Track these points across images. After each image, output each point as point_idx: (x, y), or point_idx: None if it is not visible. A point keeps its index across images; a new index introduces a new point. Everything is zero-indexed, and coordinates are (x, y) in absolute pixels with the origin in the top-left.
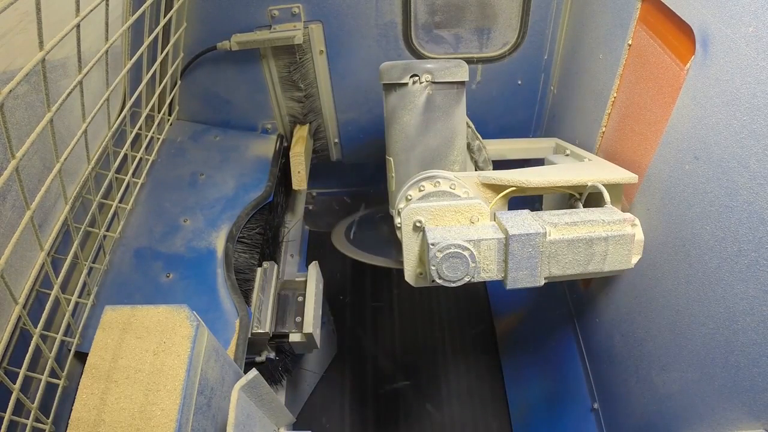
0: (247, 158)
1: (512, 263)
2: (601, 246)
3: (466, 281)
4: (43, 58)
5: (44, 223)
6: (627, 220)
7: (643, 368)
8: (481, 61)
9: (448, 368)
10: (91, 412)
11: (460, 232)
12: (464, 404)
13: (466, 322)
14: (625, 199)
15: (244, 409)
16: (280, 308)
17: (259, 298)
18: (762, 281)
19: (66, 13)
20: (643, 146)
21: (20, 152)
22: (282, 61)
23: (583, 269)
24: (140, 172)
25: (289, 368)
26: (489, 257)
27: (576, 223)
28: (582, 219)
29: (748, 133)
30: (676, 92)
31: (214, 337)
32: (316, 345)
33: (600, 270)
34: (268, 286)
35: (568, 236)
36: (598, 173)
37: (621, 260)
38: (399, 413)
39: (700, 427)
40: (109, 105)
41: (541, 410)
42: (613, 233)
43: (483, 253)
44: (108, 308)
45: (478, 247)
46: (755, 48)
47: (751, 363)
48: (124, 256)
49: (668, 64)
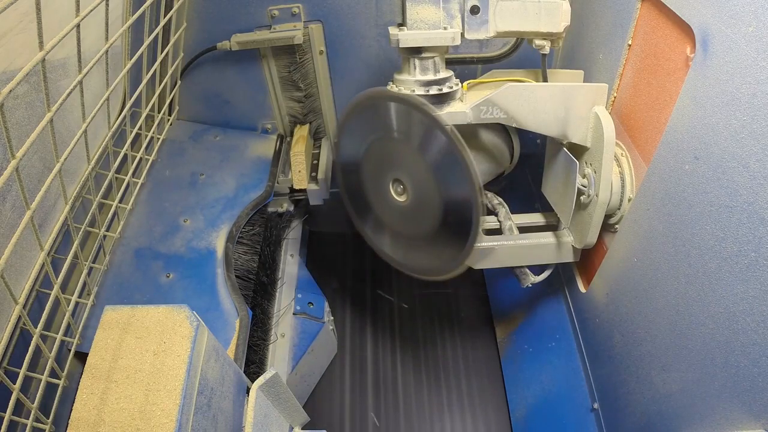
0: (247, 158)
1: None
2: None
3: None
4: (43, 58)
5: (44, 223)
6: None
7: (643, 368)
8: (481, 61)
9: (448, 368)
10: (91, 412)
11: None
12: (464, 404)
13: (465, 322)
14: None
15: (261, 408)
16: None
17: (284, 160)
18: (762, 281)
19: (66, 13)
20: (644, 146)
21: (20, 152)
22: (282, 61)
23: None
24: (140, 172)
25: (300, 215)
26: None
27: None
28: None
29: (748, 133)
30: (676, 92)
31: (214, 337)
32: (326, 194)
33: (537, 29)
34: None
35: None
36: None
37: (552, 23)
38: (399, 413)
39: (700, 427)
40: (109, 105)
41: (541, 410)
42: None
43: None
44: (108, 308)
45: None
46: (755, 48)
47: (751, 363)
48: (124, 256)
49: (668, 64)
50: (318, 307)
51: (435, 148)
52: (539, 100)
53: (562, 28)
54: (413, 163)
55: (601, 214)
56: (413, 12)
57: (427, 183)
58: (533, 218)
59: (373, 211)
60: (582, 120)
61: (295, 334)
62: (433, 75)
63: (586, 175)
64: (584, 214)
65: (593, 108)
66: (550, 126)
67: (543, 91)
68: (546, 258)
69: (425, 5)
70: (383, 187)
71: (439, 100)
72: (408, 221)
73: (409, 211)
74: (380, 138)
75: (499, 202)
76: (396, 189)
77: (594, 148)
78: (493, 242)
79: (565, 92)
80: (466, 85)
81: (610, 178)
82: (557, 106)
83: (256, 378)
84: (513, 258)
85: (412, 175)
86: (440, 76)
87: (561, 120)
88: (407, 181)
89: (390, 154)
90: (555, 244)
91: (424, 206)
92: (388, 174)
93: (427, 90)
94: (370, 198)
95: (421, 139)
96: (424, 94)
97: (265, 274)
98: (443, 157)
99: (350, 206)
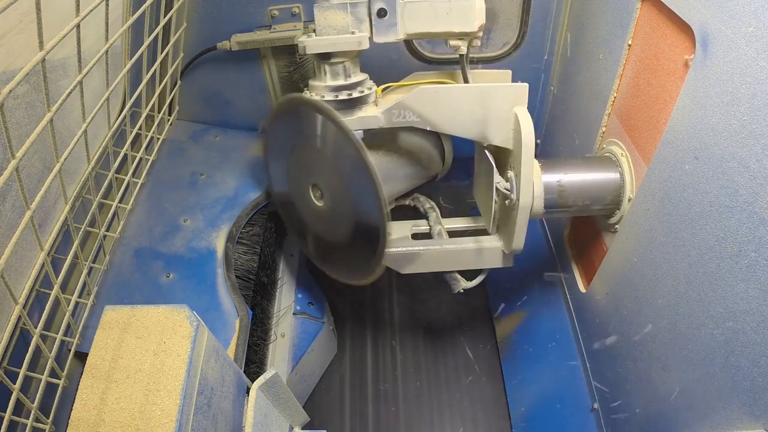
0: (247, 158)
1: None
2: (444, 6)
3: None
4: (43, 58)
5: (44, 223)
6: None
7: (643, 368)
8: (481, 61)
9: (448, 368)
10: (91, 412)
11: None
12: (464, 404)
13: (465, 322)
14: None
15: (261, 408)
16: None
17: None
18: (762, 281)
19: (66, 13)
20: (644, 146)
21: (20, 152)
22: (282, 61)
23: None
24: (140, 172)
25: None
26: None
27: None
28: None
29: (748, 133)
30: (676, 92)
31: (214, 337)
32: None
33: (449, 29)
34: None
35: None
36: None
37: (465, 22)
38: (399, 413)
39: (700, 427)
40: (109, 105)
41: (541, 410)
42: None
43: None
44: (108, 308)
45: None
46: (755, 48)
47: (751, 363)
48: (124, 256)
49: (668, 64)
50: (318, 307)
51: (343, 154)
52: (454, 102)
53: (476, 27)
54: (327, 170)
55: (524, 219)
56: (321, 18)
57: (339, 189)
58: (466, 222)
59: (297, 214)
60: (503, 122)
61: (295, 334)
62: (343, 80)
63: (509, 179)
64: (510, 219)
65: (513, 108)
66: (468, 128)
67: (458, 92)
68: (474, 263)
69: (333, 10)
70: (304, 192)
71: (349, 105)
72: (326, 226)
73: (327, 216)
74: (299, 144)
75: (431, 206)
76: (315, 194)
77: (516, 150)
78: (419, 246)
79: (483, 93)
80: (381, 89)
81: (531, 180)
82: (474, 108)
83: (256, 378)
84: (441, 263)
85: (327, 181)
86: (351, 81)
87: (479, 122)
88: (323, 186)
89: (309, 161)
90: (482, 248)
91: (338, 212)
92: (308, 179)
93: (336, 95)
94: (295, 201)
95: (331, 146)
96: (333, 99)
97: (265, 274)
98: (351, 164)
99: (280, 208)
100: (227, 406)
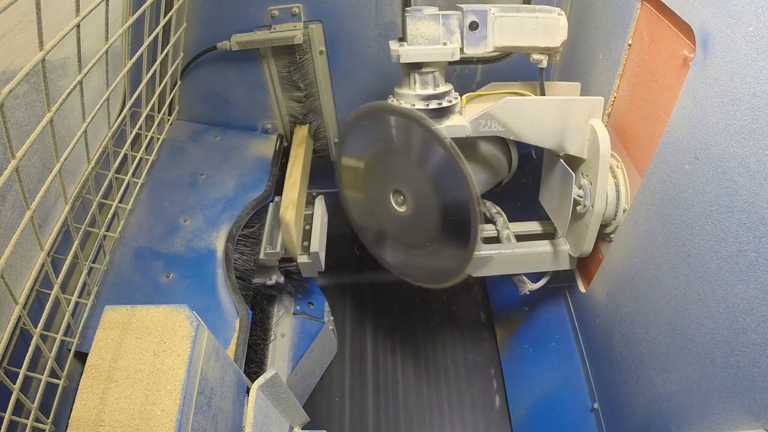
0: (247, 158)
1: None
2: (532, 21)
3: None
4: (43, 58)
5: (44, 223)
6: (554, 10)
7: (643, 368)
8: (481, 61)
9: (448, 368)
10: (91, 412)
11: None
12: (464, 404)
13: (466, 322)
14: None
15: (261, 408)
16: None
17: (272, 225)
18: (762, 281)
19: (66, 13)
20: (643, 146)
21: (20, 152)
22: (282, 61)
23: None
24: (140, 172)
25: (292, 292)
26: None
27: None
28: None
29: (748, 133)
30: (676, 92)
31: (214, 337)
32: (321, 266)
33: (534, 44)
34: (278, 216)
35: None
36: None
37: (550, 38)
38: (399, 413)
39: (700, 427)
40: (109, 105)
41: (541, 410)
42: (543, 15)
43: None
44: (108, 308)
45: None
46: (755, 48)
47: (751, 363)
48: (124, 256)
49: (668, 64)
50: (318, 307)
51: (434, 161)
52: (537, 114)
53: (559, 43)
54: (413, 175)
55: (596, 224)
56: (413, 28)
57: (426, 194)
58: (531, 227)
59: (374, 221)
60: (579, 132)
61: (295, 334)
62: (432, 89)
63: (582, 186)
64: (580, 224)
65: (589, 120)
66: (548, 138)
67: (541, 104)
68: (543, 266)
69: (425, 21)
70: (384, 198)
71: (439, 114)
72: (408, 231)
73: (409, 222)
74: (380, 150)
75: (497, 211)
76: (396, 200)
77: (590, 159)
78: (491, 251)
79: (563, 105)
80: (465, 98)
81: (606, 188)
82: (555, 119)
83: (256, 378)
84: (511, 266)
85: (411, 187)
86: (440, 90)
87: (558, 132)
88: (407, 192)
89: (390, 166)
90: (552, 252)
91: (423, 217)
92: (388, 185)
93: (426, 104)
94: (372, 207)
95: (421, 152)
96: (424, 108)
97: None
98: (442, 169)
99: (352, 215)
100: (227, 406)
